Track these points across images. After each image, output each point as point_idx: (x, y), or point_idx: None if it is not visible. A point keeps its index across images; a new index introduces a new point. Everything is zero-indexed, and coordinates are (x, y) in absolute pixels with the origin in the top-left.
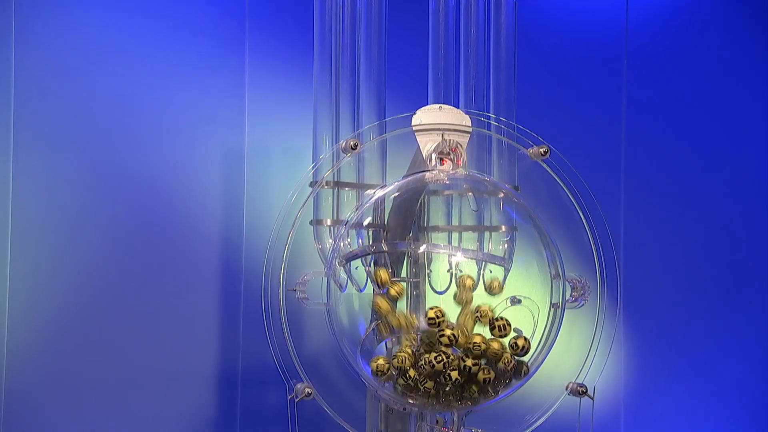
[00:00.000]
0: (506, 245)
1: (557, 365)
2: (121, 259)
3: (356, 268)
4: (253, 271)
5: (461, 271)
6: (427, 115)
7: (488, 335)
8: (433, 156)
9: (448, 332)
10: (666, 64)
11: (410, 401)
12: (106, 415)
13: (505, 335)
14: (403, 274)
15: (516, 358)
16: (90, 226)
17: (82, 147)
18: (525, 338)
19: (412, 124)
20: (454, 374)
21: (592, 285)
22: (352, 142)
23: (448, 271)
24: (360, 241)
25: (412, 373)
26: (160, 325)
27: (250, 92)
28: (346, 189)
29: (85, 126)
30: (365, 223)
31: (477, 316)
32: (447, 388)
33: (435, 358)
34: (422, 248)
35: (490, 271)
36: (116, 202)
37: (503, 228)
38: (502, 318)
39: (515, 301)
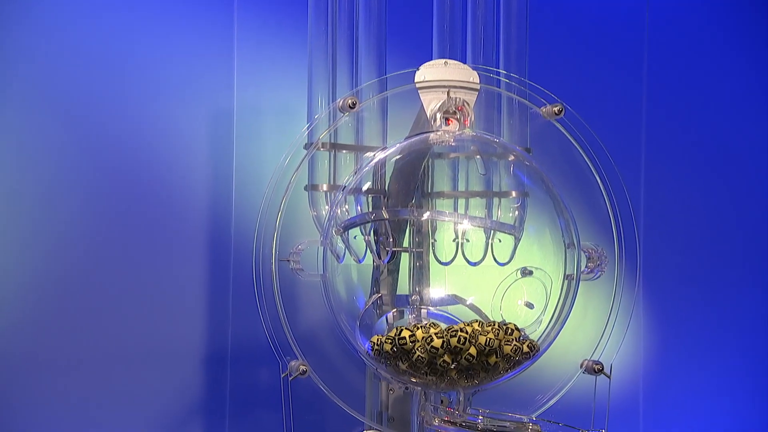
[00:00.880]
0: (517, 212)
1: (571, 341)
2: (99, 227)
3: (354, 237)
4: (243, 241)
5: (468, 240)
6: (431, 71)
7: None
8: (438, 116)
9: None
10: (691, 21)
11: (413, 380)
12: (85, 396)
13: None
14: (406, 243)
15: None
16: (66, 191)
17: (58, 105)
18: (532, 342)
19: (415, 81)
20: (473, 350)
21: (610, 255)
22: (350, 101)
23: (453, 240)
24: (359, 208)
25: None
26: (142, 298)
27: (239, 46)
28: (344, 152)
29: (61, 83)
30: (364, 188)
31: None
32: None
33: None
34: (426, 215)
35: (500, 240)
36: (95, 167)
37: (513, 193)
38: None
39: (526, 272)
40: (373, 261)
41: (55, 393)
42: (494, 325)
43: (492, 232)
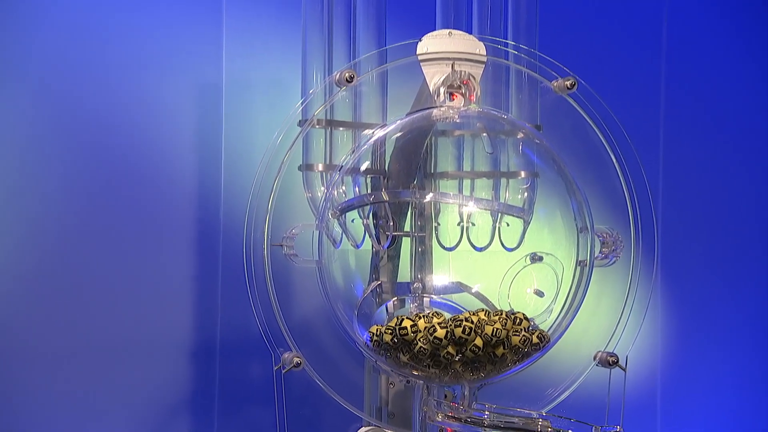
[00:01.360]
0: (526, 194)
1: (584, 332)
2: (76, 211)
3: (352, 220)
4: (232, 224)
5: (473, 224)
6: (434, 43)
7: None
8: (442, 90)
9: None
10: None
11: (415, 373)
12: (65, 392)
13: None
14: (407, 227)
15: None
16: (40, 172)
17: (31, 78)
18: (542, 333)
19: (418, 52)
20: (479, 341)
21: (625, 239)
22: (347, 74)
23: (458, 224)
24: (356, 189)
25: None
26: (123, 286)
27: (228, 15)
28: (341, 129)
29: (34, 52)
30: (363, 168)
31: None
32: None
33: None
34: (429, 197)
35: (507, 224)
36: (71, 145)
37: (522, 174)
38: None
39: (536, 258)
40: (372, 246)
41: (35, 387)
42: (502, 314)
43: (499, 215)
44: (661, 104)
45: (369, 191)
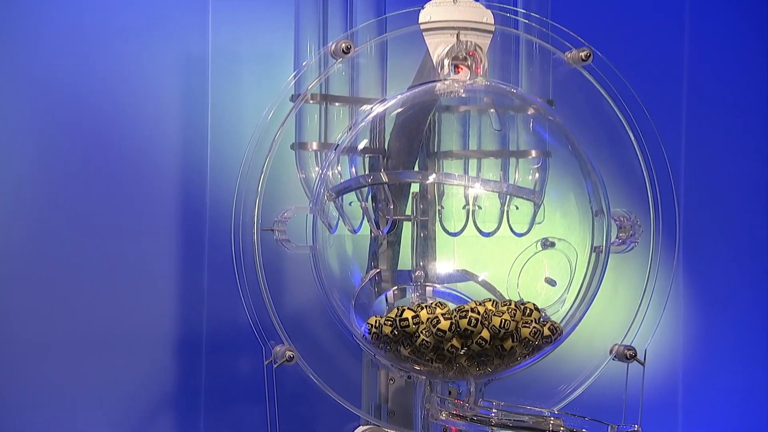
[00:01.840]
0: (537, 174)
1: (599, 323)
2: (54, 193)
3: (350, 203)
4: (220, 208)
5: (480, 207)
6: (438, 11)
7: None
8: (446, 62)
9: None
10: None
11: (416, 368)
12: (41, 387)
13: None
14: (408, 211)
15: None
16: (14, 150)
17: (7, 50)
18: (553, 325)
19: (420, 21)
20: (486, 334)
21: (644, 224)
22: (343, 45)
23: (464, 207)
24: (353, 169)
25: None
26: (103, 274)
27: None
28: (337, 104)
29: (8, 27)
30: (360, 147)
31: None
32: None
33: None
34: (432, 178)
35: (516, 207)
36: (47, 122)
37: (533, 153)
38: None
39: (548, 244)
40: (371, 231)
41: (9, 384)
42: (510, 304)
43: (508, 197)
44: (683, 77)
45: (367, 172)
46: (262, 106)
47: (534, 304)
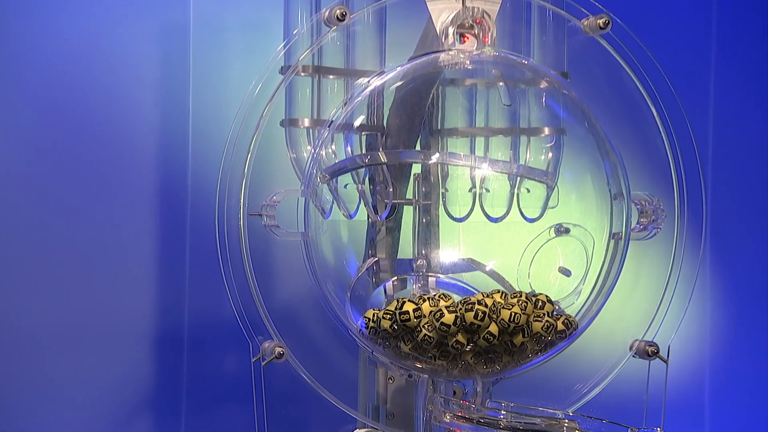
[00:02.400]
0: (550, 154)
1: (618, 317)
2: (23, 173)
3: (345, 186)
4: (202, 190)
5: (487, 190)
6: None
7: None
8: (451, 30)
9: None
10: None
11: (418, 366)
12: (9, 387)
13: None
14: (409, 194)
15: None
16: None
17: None
18: (568, 318)
19: None
20: (494, 328)
21: (668, 208)
22: (338, 11)
23: (470, 190)
24: (349, 149)
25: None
26: (76, 262)
27: None
28: (331, 77)
29: None
30: (357, 124)
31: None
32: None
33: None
34: (435, 158)
35: (528, 190)
36: (17, 97)
37: (546, 130)
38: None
39: (562, 230)
40: (368, 216)
41: None
42: (521, 296)
43: (518, 179)
44: (712, 46)
45: (364, 151)
46: (249, 79)
47: (547, 296)
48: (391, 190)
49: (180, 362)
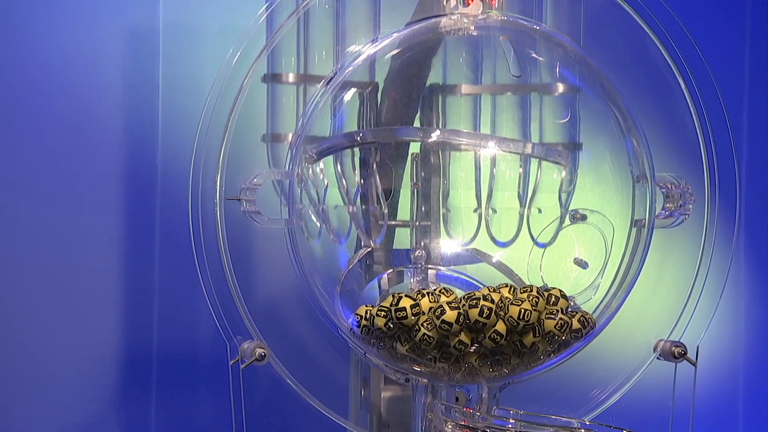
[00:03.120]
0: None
1: (641, 315)
2: None
3: (335, 206)
4: (173, 171)
5: (494, 211)
6: None
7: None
8: None
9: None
10: None
11: (416, 369)
12: None
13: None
14: (406, 177)
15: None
16: None
17: None
18: (584, 316)
19: None
20: (501, 327)
21: (697, 192)
22: None
23: (475, 210)
24: (339, 124)
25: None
26: (35, 253)
27: None
28: (318, 44)
29: None
30: (347, 98)
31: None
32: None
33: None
34: (435, 136)
35: (539, 210)
36: None
37: (560, 88)
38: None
39: (577, 216)
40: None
41: None
42: (532, 291)
43: (529, 159)
44: (747, 8)
45: (356, 128)
46: (227, 44)
47: (560, 291)
48: (386, 211)
49: (148, 364)
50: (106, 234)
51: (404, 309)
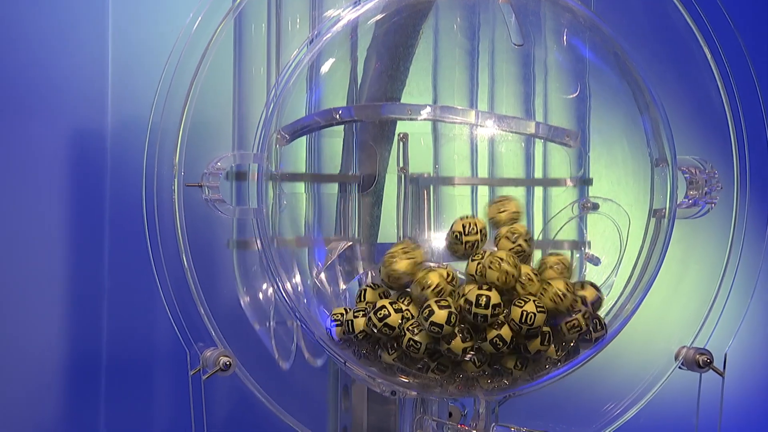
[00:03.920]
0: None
1: (661, 318)
2: None
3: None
4: (125, 154)
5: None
6: None
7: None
8: None
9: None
10: None
11: (403, 380)
12: None
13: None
14: (392, 161)
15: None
16: None
17: None
18: (593, 286)
19: None
20: (506, 332)
21: (724, 178)
22: None
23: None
24: (314, 99)
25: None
26: None
27: None
28: (291, 9)
29: None
30: (325, 69)
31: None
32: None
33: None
34: (425, 113)
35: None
36: None
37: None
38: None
39: (588, 206)
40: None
41: None
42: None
43: (533, 141)
44: None
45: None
46: (186, 9)
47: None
48: (361, 263)
49: (96, 378)
50: (47, 224)
51: (385, 307)
